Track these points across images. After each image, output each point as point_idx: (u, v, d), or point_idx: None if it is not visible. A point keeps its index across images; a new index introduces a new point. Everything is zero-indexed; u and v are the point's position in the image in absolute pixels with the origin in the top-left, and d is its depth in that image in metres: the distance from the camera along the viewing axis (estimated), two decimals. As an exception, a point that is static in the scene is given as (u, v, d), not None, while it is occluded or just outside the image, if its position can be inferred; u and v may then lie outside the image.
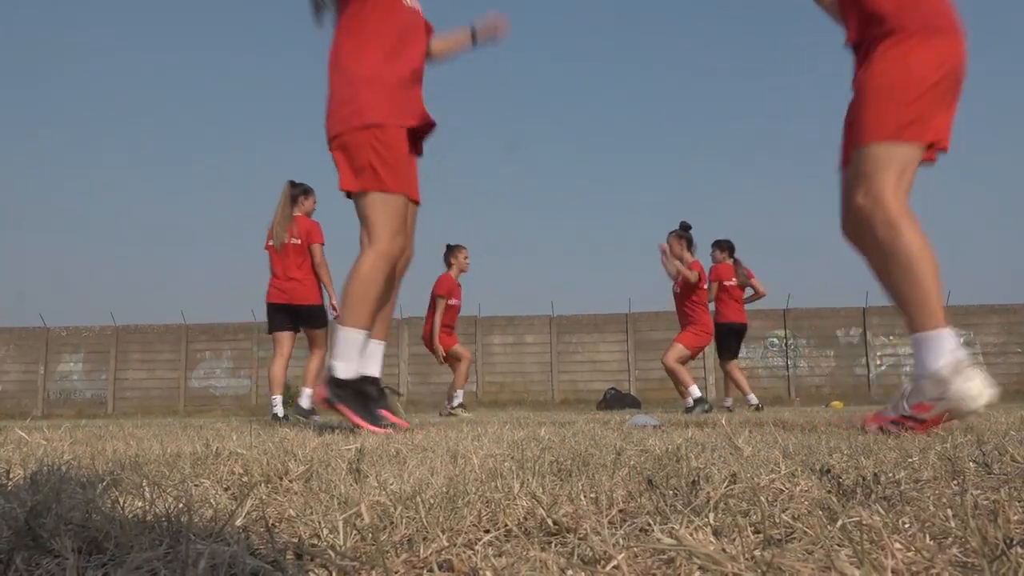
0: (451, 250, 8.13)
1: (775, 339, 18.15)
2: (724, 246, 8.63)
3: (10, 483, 1.24)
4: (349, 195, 3.21)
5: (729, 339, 8.48)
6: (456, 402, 8.07)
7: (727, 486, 1.07)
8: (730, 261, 8.56)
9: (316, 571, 0.70)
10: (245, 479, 1.35)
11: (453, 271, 8.09)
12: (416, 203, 3.36)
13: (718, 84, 39.57)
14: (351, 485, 1.15)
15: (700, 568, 0.64)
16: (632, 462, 1.47)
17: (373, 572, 0.70)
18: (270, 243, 6.22)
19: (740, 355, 8.78)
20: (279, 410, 6.03)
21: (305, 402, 6.18)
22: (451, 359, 8.18)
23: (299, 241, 6.12)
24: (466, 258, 8.11)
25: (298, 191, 6.29)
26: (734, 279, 8.45)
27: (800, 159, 37.43)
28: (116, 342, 18.89)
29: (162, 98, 39.86)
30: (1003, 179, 33.16)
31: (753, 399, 8.33)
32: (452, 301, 8.07)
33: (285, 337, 6.18)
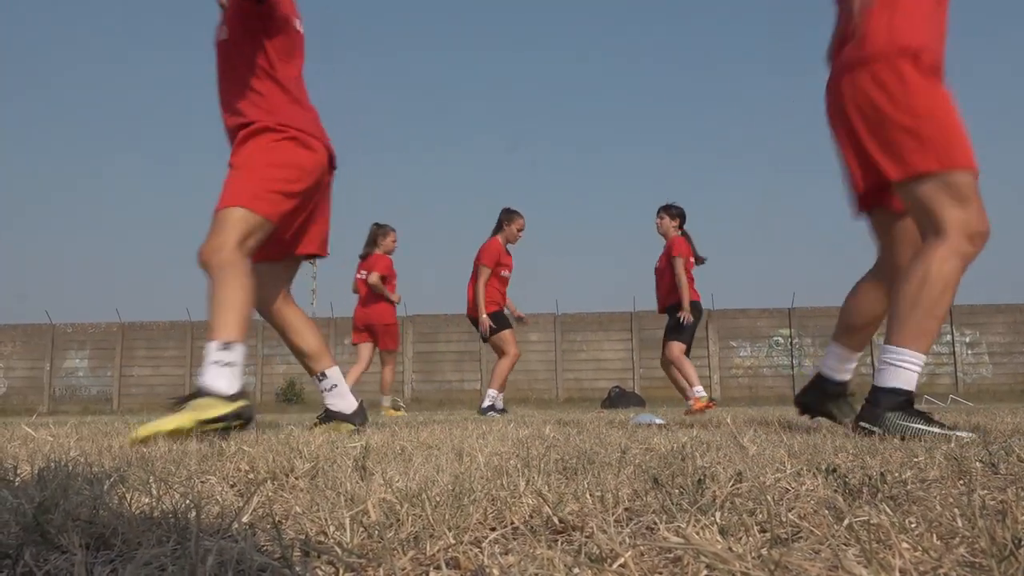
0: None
1: (780, 338, 18.10)
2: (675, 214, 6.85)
3: (18, 479, 1.25)
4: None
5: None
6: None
7: (733, 485, 1.07)
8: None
9: (323, 568, 0.70)
10: (251, 476, 1.36)
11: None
12: None
13: (724, 83, 39.47)
14: (357, 482, 1.15)
15: (707, 567, 0.64)
16: (637, 461, 1.47)
17: (380, 569, 0.70)
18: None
19: (746, 353, 8.28)
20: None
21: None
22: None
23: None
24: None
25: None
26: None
27: (806, 157, 37.33)
28: (122, 339, 18.97)
29: (167, 97, 39.90)
30: (1009, 177, 33.01)
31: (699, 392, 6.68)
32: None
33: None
